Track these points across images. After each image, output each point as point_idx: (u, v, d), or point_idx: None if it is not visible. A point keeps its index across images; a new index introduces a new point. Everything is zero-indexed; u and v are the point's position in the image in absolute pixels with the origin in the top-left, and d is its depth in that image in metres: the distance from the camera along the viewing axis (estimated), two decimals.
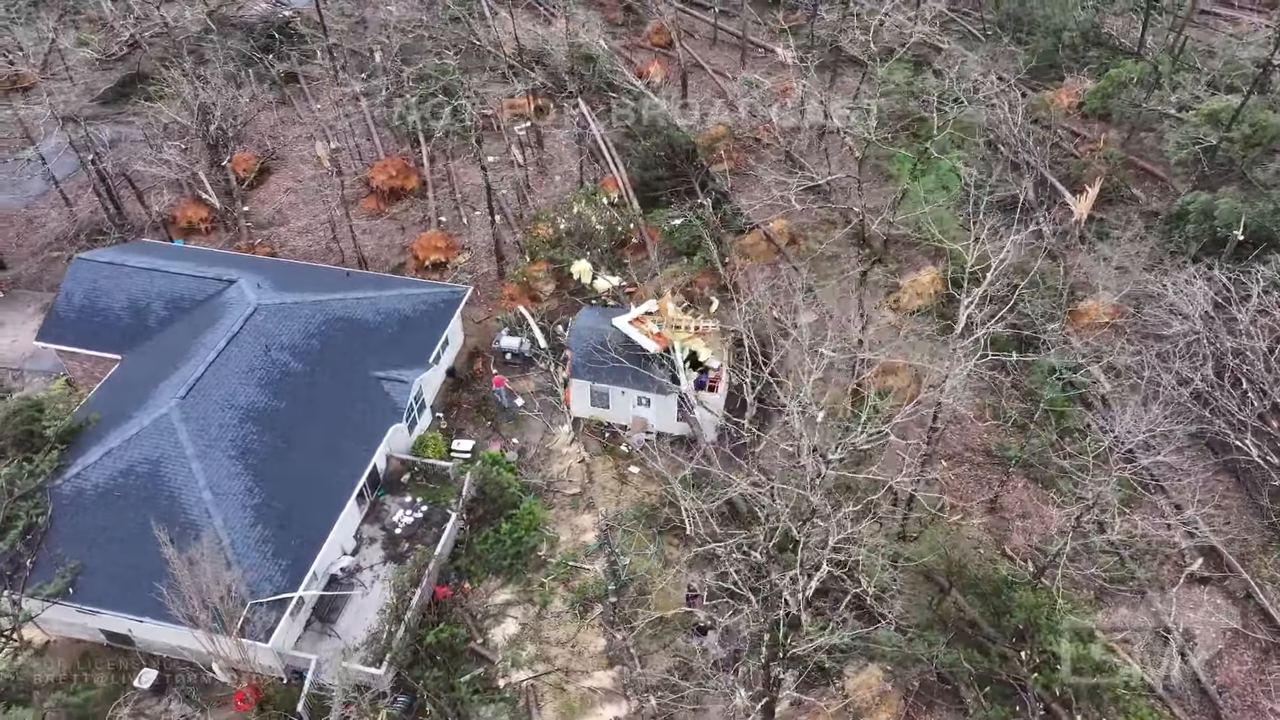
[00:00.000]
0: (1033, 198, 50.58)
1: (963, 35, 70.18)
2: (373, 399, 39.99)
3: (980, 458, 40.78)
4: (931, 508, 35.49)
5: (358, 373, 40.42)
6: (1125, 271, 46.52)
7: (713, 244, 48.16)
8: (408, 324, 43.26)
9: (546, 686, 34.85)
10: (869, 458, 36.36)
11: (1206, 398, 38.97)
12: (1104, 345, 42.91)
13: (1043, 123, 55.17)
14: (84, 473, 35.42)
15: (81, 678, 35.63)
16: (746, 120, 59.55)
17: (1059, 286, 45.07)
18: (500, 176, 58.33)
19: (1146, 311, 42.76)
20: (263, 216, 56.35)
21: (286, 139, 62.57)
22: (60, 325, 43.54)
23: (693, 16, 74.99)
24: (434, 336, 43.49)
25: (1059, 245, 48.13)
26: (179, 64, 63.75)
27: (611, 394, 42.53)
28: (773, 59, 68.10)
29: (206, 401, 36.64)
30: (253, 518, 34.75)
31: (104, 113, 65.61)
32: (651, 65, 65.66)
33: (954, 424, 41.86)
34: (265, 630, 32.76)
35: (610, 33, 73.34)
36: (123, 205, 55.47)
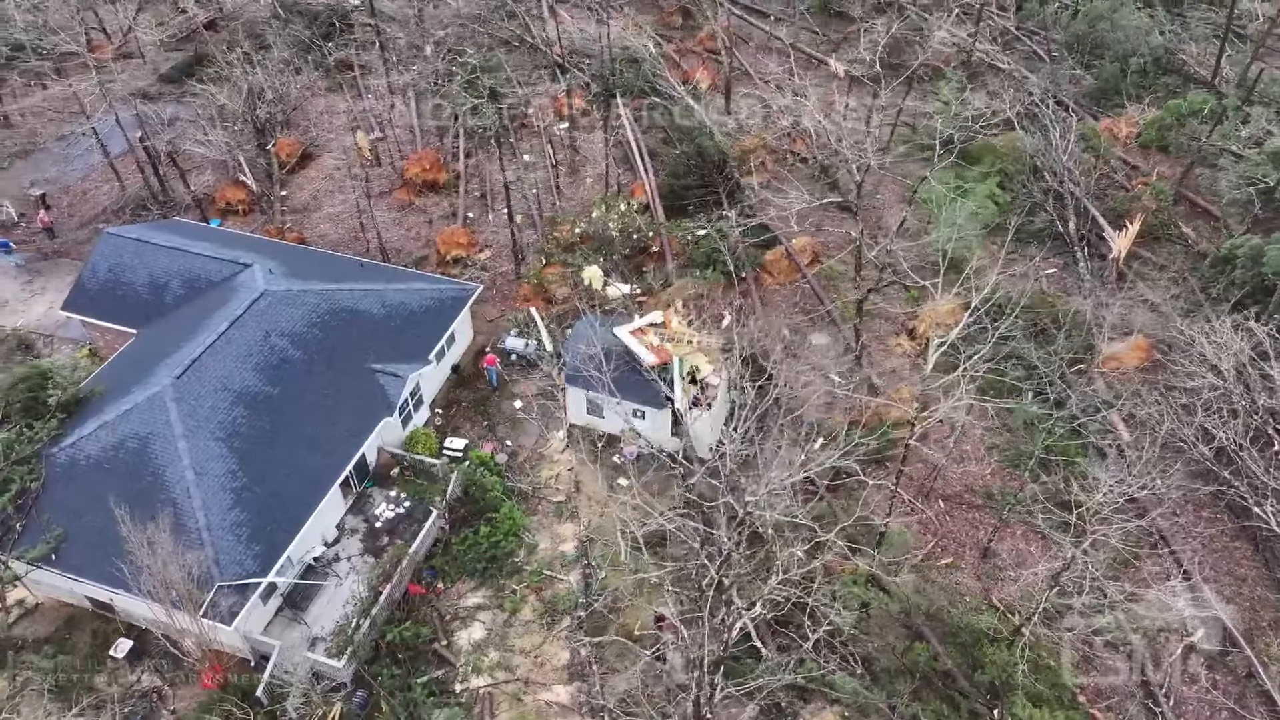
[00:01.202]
0: (1073, 230, 48.38)
1: (1027, 55, 67.53)
2: (367, 391, 40.25)
3: (980, 500, 38.99)
4: (905, 548, 33.88)
5: (355, 364, 40.73)
6: (1162, 315, 44.06)
7: (730, 258, 47.18)
8: (412, 319, 43.45)
9: (504, 696, 34.57)
10: (849, 492, 35.09)
11: (1233, 456, 36.55)
12: (1130, 391, 40.57)
13: (1095, 151, 52.54)
14: (79, 443, 36.48)
15: (64, 640, 36.81)
16: (785, 132, 58.24)
17: (1088, 325, 42.84)
18: (534, 176, 58.39)
19: (1177, 359, 40.22)
20: (298, 201, 57.42)
21: (332, 126, 63.60)
22: (84, 296, 45.02)
23: (749, 24, 73.81)
24: (437, 333, 43.60)
25: (1094, 282, 45.84)
26: (239, 47, 65.71)
27: (606, 404, 42.01)
28: (824, 70, 66.56)
29: (201, 383, 37.35)
30: (231, 500, 35.29)
31: (166, 91, 67.72)
32: (697, 71, 64.79)
33: (957, 463, 40.19)
34: (230, 613, 33.22)
35: (665, 35, 72.77)
36: (167, 183, 57.19)
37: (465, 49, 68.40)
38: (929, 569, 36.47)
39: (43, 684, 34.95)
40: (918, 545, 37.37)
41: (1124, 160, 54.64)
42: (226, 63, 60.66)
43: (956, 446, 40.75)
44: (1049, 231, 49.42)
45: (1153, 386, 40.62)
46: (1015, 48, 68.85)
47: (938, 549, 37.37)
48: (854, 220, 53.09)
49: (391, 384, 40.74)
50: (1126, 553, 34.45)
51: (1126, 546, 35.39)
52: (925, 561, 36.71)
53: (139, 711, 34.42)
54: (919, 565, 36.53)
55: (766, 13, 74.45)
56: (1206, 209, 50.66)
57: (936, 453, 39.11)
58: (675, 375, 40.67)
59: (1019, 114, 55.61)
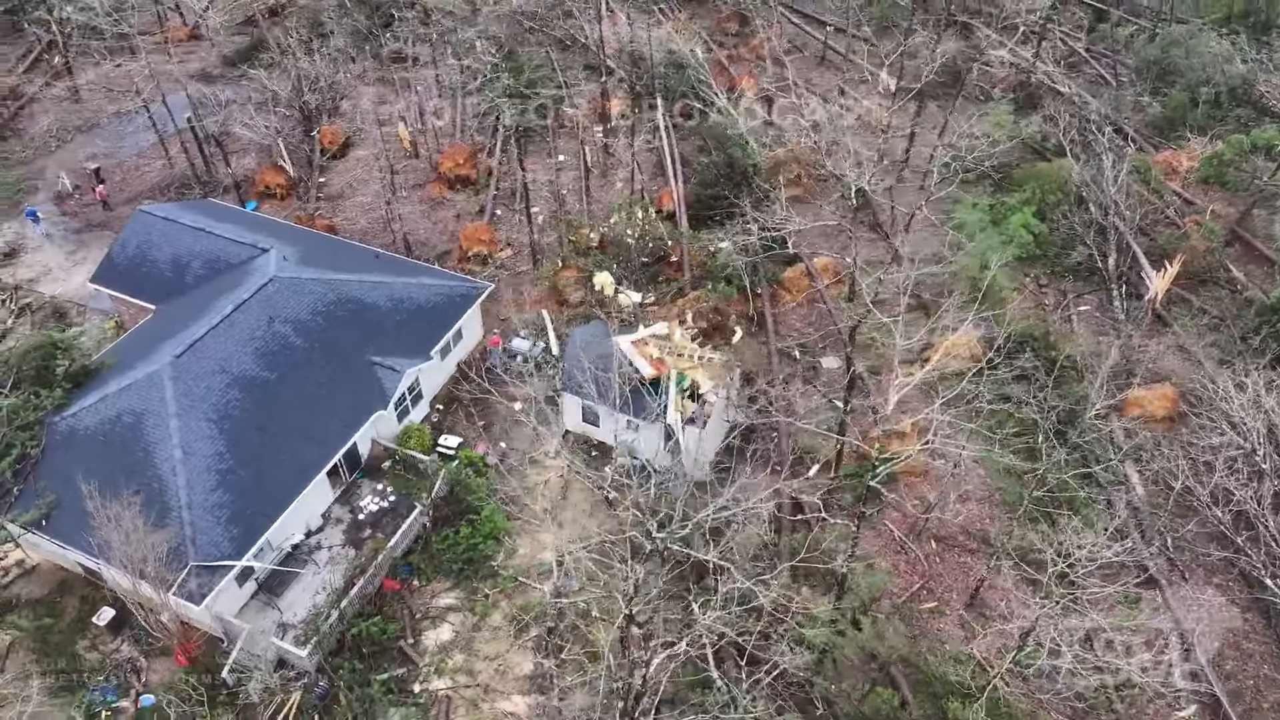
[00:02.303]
0: (1111, 267, 45.95)
1: (1093, 78, 64.56)
2: (364, 383, 40.50)
3: (975, 544, 37.25)
4: (876, 589, 32.44)
5: (355, 355, 41.01)
6: (1196, 363, 41.50)
7: (747, 272, 46.15)
8: (418, 313, 43.58)
9: (462, 701, 34.36)
10: (832, 527, 33.80)
11: (1252, 521, 34.16)
12: (1150, 441, 38.27)
13: (1146, 184, 49.82)
14: (79, 414, 37.56)
15: (55, 603, 37.97)
16: (824, 146, 56.73)
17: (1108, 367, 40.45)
18: (566, 177, 58.22)
19: (1203, 411, 37.76)
20: (334, 189, 58.32)
21: (377, 116, 64.31)
22: (112, 270, 46.43)
23: (806, 33, 72.32)
24: (441, 329, 43.64)
25: (1127, 323, 43.44)
26: (297, 34, 67.19)
27: (601, 413, 41.50)
28: (875, 84, 64.72)
29: (200, 363, 38.05)
30: (215, 481, 35.85)
31: (226, 74, 69.60)
32: (744, 79, 63.66)
33: (958, 502, 38.46)
34: (200, 593, 33.72)
35: (718, 41, 71.82)
36: (212, 164, 58.70)
37: (517, 46, 68.74)
38: (912, 611, 34.98)
39: (29, 644, 36.11)
40: (905, 586, 35.93)
41: (1180, 195, 51.68)
42: (280, 50, 62.02)
43: (959, 485, 39.01)
44: (1086, 266, 47.01)
45: (1176, 439, 38.23)
46: (1082, 70, 65.96)
47: (924, 591, 35.82)
48: (885, 243, 51.63)
49: (388, 377, 40.92)
50: (1120, 615, 32.53)
51: (1124, 608, 33.60)
52: (909, 603, 35.24)
53: (114, 679, 35.25)
54: (901, 607, 35.13)
55: (826, 22, 72.80)
56: (1263, 253, 47.55)
57: (932, 491, 37.54)
58: (671, 389, 39.93)
59: (1072, 140, 53.22)
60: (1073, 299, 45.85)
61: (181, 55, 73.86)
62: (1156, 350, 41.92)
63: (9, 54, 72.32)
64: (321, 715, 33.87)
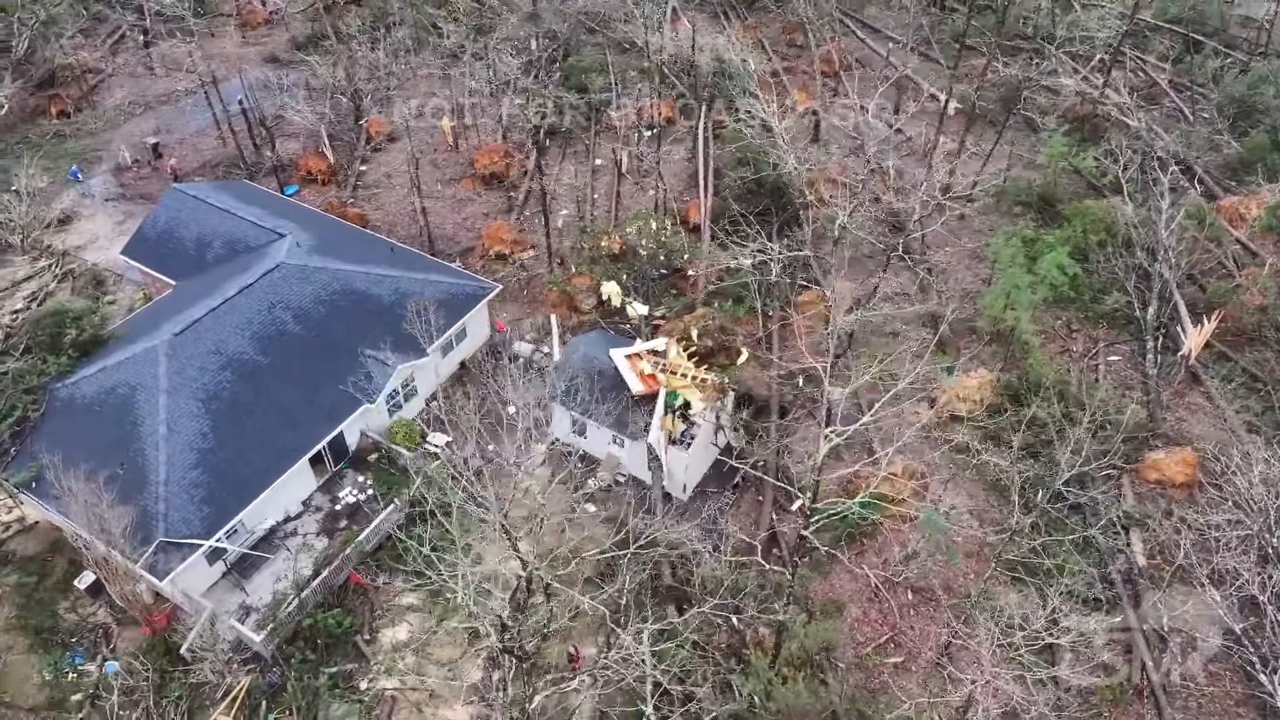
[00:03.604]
0: (1150, 316, 42.94)
1: (1170, 113, 60.65)
2: (354, 374, 40.71)
3: (954, 599, 35.18)
4: (820, 640, 30.79)
5: (351, 347, 41.30)
6: (1226, 430, 38.41)
7: (759, 293, 44.80)
8: (422, 310, 43.56)
9: (407, 703, 34.20)
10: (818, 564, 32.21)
11: (1258, 607, 31.33)
12: (1159, 510, 35.56)
13: (1202, 229, 46.40)
14: (80, 382, 38.83)
15: (45, 562, 39.37)
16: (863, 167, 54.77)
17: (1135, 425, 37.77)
18: (603, 181, 57.74)
19: (1222, 483, 34.82)
20: (373, 179, 59.10)
21: (427, 109, 64.87)
22: (142, 244, 47.96)
23: (869, 49, 70.06)
24: (442, 327, 43.57)
25: (1158, 379, 40.53)
26: (362, 23, 68.49)
27: (589, 425, 40.84)
28: (937, 108, 62.13)
29: (196, 343, 38.88)
30: (195, 460, 36.54)
31: (294, 59, 71.33)
32: (796, 92, 62.00)
33: (940, 553, 36.44)
34: (165, 568, 34.40)
35: (779, 52, 70.22)
36: (261, 146, 60.20)
37: (577, 46, 68.54)
38: (875, 663, 33.27)
39: (15, 599, 37.54)
40: (873, 636, 34.24)
41: (1242, 244, 48.00)
42: (339, 39, 63.20)
43: (951, 535, 36.96)
44: (1123, 314, 44.07)
45: (1190, 508, 35.39)
46: (1160, 103, 62.06)
47: (892, 643, 34.05)
48: (911, 270, 49.51)
49: (380, 371, 41.09)
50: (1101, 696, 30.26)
51: (1106, 688, 31.28)
52: (874, 654, 33.53)
53: (85, 643, 36.32)
54: (865, 658, 33.46)
55: (892, 38, 70.39)
56: None
57: (919, 539, 35.66)
58: (658, 407, 39.00)
59: (1131, 178, 49.98)
60: (1103, 348, 43.03)
61: (257, 39, 76.25)
62: (1177, 415, 38.87)
63: (100, 29, 75.66)
64: (270, 702, 34.20)
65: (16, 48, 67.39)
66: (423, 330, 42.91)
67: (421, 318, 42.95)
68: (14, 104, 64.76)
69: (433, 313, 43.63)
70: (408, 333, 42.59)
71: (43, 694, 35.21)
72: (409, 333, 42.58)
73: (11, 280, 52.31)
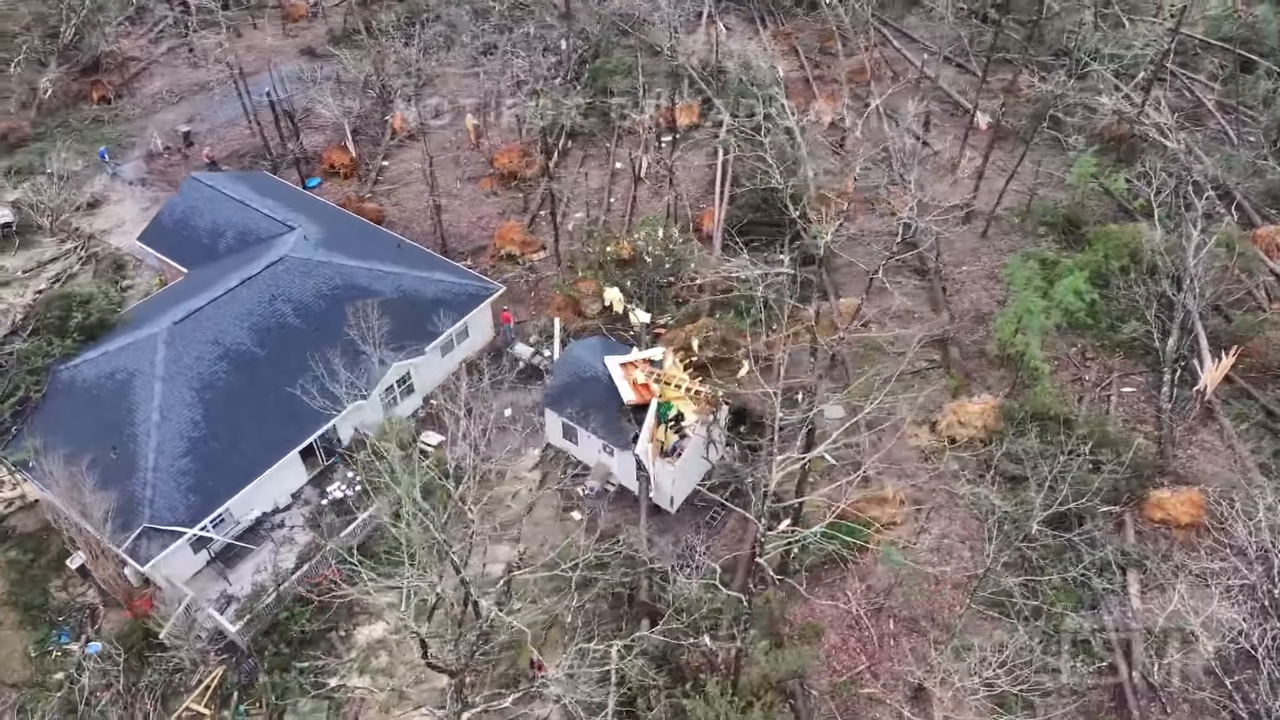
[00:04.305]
0: (1170, 348, 41.26)
1: (1215, 135, 58.37)
2: (350, 370, 40.70)
3: (937, 633, 34.09)
4: (780, 670, 29.92)
5: (349, 342, 41.33)
6: (1239, 470, 36.71)
7: (763, 306, 43.94)
8: (422, 307, 43.64)
9: (375, 702, 34.14)
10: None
11: (1253, 660, 29.84)
12: (1157, 552, 34.06)
13: (1231, 256, 44.48)
14: (81, 366, 39.51)
15: (42, 539, 40.12)
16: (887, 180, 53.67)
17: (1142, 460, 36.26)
18: (621, 185, 57.35)
19: (1225, 525, 33.26)
20: (394, 174, 59.40)
21: (454, 107, 65.07)
22: (158, 232, 48.75)
23: (905, 58, 68.60)
24: (442, 326, 43.55)
25: (1171, 414, 38.91)
26: (396, 19, 68.94)
27: (580, 432, 40.45)
28: (966, 122, 60.62)
29: (195, 332, 39.30)
30: (185, 448, 36.91)
31: (330, 52, 72.09)
32: (824, 100, 60.95)
33: (930, 583, 35.36)
34: (147, 555, 34.78)
35: (812, 60, 69.12)
36: (286, 138, 60.87)
37: (609, 47, 68.18)
38: (849, 694, 32.36)
39: (10, 574, 38.34)
40: (850, 665, 33.32)
41: (1277, 276, 45.90)
42: (369, 34, 63.68)
43: (941, 564, 35.86)
44: (1141, 344, 42.39)
45: (1189, 552, 33.85)
46: (1205, 125, 59.77)
47: (869, 674, 33.09)
48: (924, 289, 48.27)
49: (375, 368, 41.12)
50: None
51: None
52: (848, 684, 32.62)
53: (71, 623, 36.93)
54: (839, 687, 32.57)
55: (930, 49, 68.82)
56: None
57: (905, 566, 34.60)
58: (649, 418, 38.48)
59: (1164, 201, 48.11)
60: (1117, 378, 41.44)
61: (297, 31, 77.24)
62: (1189, 452, 37.23)
63: (146, 18, 77.26)
64: (242, 693, 34.41)
65: (64, 33, 69.10)
66: (422, 328, 42.98)
67: (422, 315, 43.04)
68: (58, 89, 66.42)
69: (433, 311, 43.70)
70: (407, 330, 42.61)
71: (27, 670, 35.88)
72: (408, 330, 42.60)
73: (38, 261, 53.59)
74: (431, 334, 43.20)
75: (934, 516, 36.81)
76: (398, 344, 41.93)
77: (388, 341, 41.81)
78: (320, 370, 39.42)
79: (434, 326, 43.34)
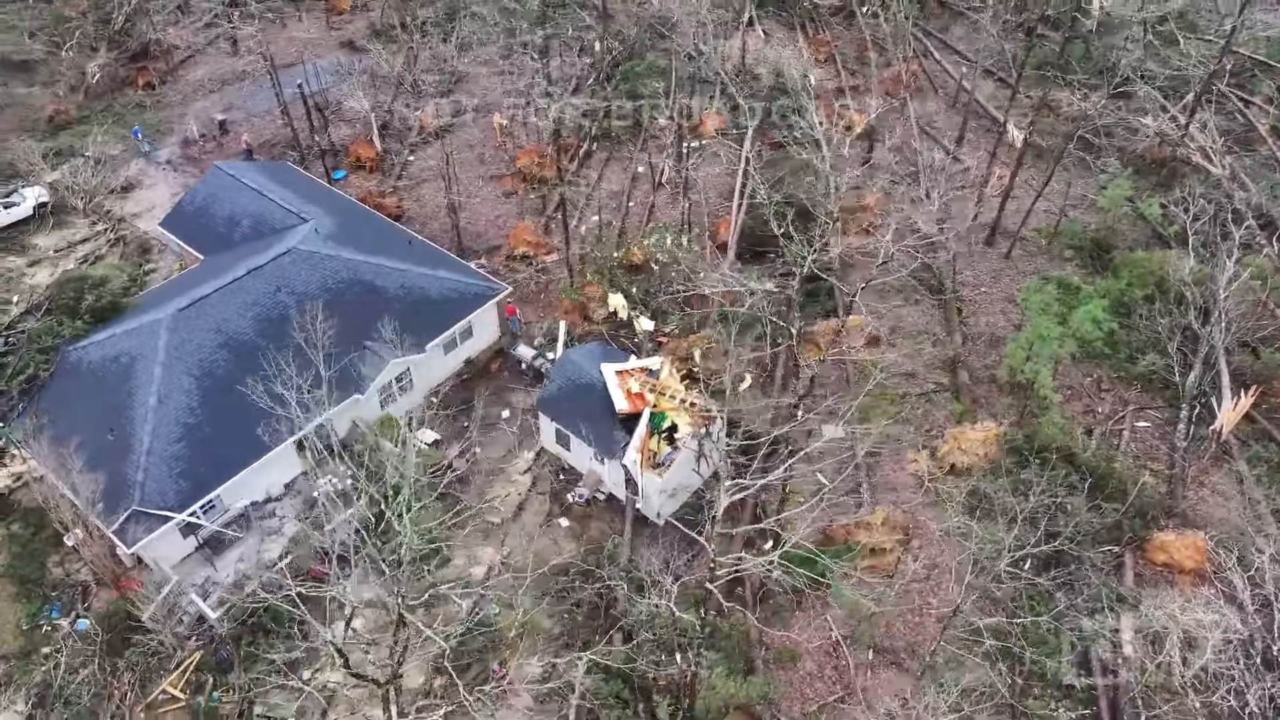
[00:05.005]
0: (1191, 383, 39.49)
1: (1266, 161, 55.80)
2: (349, 365, 40.95)
3: (917, 666, 32.99)
4: (734, 697, 29.12)
5: (348, 336, 41.49)
6: (1252, 516, 34.97)
7: (767, 321, 43.19)
8: (427, 305, 43.70)
9: (345, 699, 34.21)
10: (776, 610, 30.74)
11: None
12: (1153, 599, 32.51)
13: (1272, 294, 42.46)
14: (89, 347, 40.29)
15: (44, 515, 41.01)
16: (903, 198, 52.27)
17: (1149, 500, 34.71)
18: (641, 190, 56.92)
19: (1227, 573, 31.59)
20: (419, 170, 59.69)
21: (486, 105, 65.20)
22: (180, 218, 49.59)
23: (945, 71, 66.94)
24: (444, 324, 43.56)
25: (1185, 452, 37.22)
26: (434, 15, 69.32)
27: (572, 439, 40.12)
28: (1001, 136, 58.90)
29: (199, 320, 39.81)
30: (180, 433, 37.40)
31: (368, 46, 72.82)
32: (854, 113, 59.67)
33: (913, 615, 34.29)
34: (134, 537, 35.31)
35: (851, 69, 67.84)
36: (316, 130, 61.59)
37: (645, 50, 67.77)
38: None
39: (11, 548, 39.30)
40: (824, 693, 32.46)
41: None
42: (403, 29, 64.16)
43: (928, 595, 34.79)
44: (1160, 378, 40.65)
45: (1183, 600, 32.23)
46: (1257, 150, 57.20)
47: (842, 703, 32.17)
48: (939, 308, 46.96)
49: (374, 363, 41.26)
50: None
51: None
52: (817, 714, 31.77)
53: (63, 599, 37.69)
54: (809, 715, 31.74)
55: (971, 61, 67.06)
56: None
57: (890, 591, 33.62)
58: (640, 427, 38.00)
59: (1199, 229, 46.09)
60: (1132, 412, 39.80)
61: (341, 24, 78.17)
62: (1200, 494, 35.53)
63: (195, 7, 78.88)
64: (217, 680, 34.76)
65: (116, 19, 70.87)
66: (425, 326, 43.02)
67: (425, 313, 43.10)
68: (105, 74, 68.10)
69: (436, 309, 43.73)
70: (409, 327, 42.63)
71: (18, 641, 36.71)
72: (410, 327, 42.62)
73: (69, 241, 54.96)
74: (433, 332, 43.22)
75: (926, 545, 35.71)
76: (398, 340, 41.98)
77: (388, 338, 41.98)
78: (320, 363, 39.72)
79: (436, 325, 43.36)
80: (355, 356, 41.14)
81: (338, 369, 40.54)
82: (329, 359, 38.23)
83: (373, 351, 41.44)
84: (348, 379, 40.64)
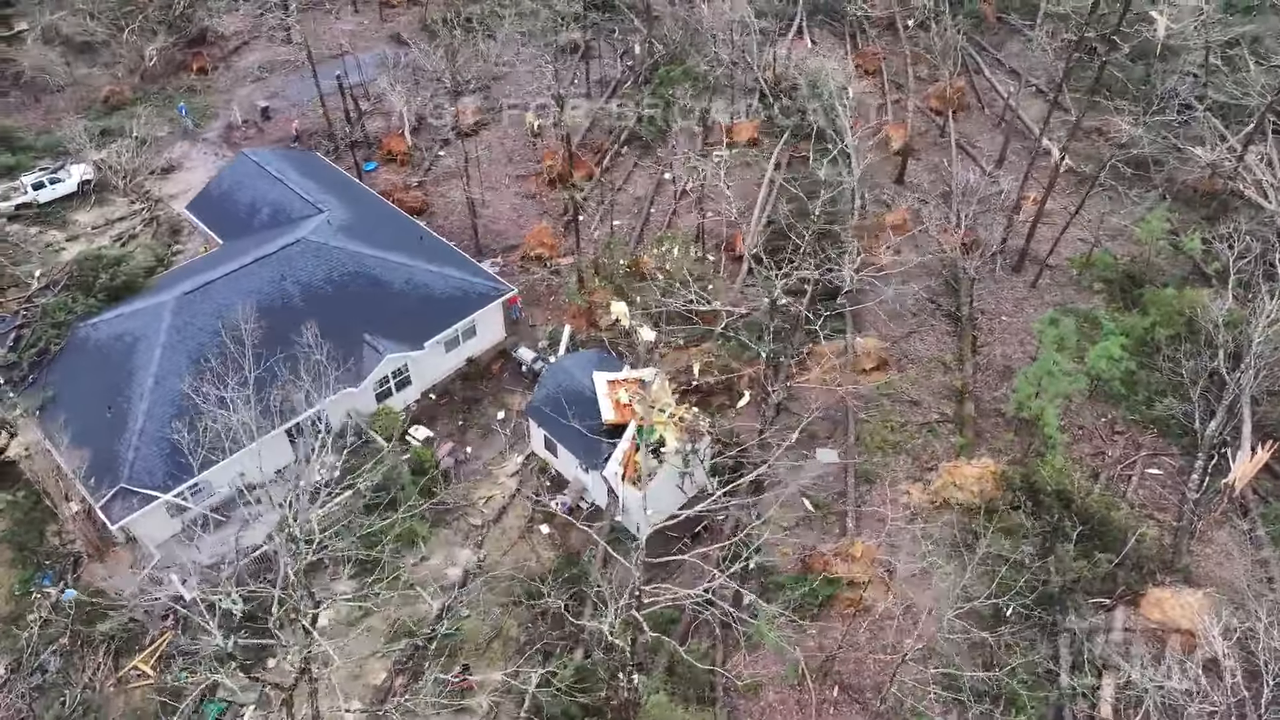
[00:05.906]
0: (1211, 432, 37.26)
1: None
2: (348, 357, 41.17)
3: (883, 708, 31.72)
4: None
5: (350, 329, 41.80)
6: (1262, 580, 32.83)
7: (767, 338, 42.14)
8: (430, 302, 43.73)
9: (304, 694, 34.29)
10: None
11: None
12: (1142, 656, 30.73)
13: None
14: (99, 325, 41.30)
15: (45, 486, 42.20)
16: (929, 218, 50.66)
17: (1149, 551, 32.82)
18: (665, 196, 56.30)
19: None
20: (449, 165, 59.91)
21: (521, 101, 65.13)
22: (205, 202, 50.63)
23: (994, 89, 64.69)
24: (446, 322, 43.54)
25: (1195, 505, 35.15)
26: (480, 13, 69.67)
27: (559, 445, 39.71)
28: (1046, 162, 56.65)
29: (203, 304, 40.48)
30: (173, 414, 38.02)
31: (416, 39, 73.51)
32: (892, 128, 58.12)
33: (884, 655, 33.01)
34: (119, 514, 36.02)
35: (895, 83, 66.06)
36: (353, 121, 62.35)
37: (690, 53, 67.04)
38: None
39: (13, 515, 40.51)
40: None
41: None
42: (445, 24, 64.56)
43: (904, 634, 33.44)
44: (1179, 423, 38.46)
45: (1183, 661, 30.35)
46: None
47: None
48: (954, 336, 45.29)
49: (372, 358, 41.44)
50: None
51: None
52: None
53: (55, 568, 38.70)
54: None
55: (1023, 77, 64.68)
56: None
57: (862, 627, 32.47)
58: (624, 439, 37.41)
59: (1243, 267, 43.56)
60: (1144, 457, 37.74)
61: (393, 17, 79.16)
62: (1207, 550, 33.45)
63: None
64: (185, 660, 35.20)
65: (177, 4, 72.89)
66: (426, 322, 43.08)
67: (428, 310, 43.15)
68: (162, 57, 70.06)
69: (439, 307, 43.77)
70: (410, 323, 42.81)
71: (9, 606, 37.79)
72: (412, 323, 42.79)
73: (107, 219, 56.58)
74: (434, 329, 43.25)
75: (906, 581, 34.36)
76: (398, 336, 42.18)
77: (389, 332, 42.22)
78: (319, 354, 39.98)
79: (437, 322, 43.38)
80: (353, 349, 41.34)
81: (334, 361, 40.97)
82: (327, 350, 38.57)
83: (370, 345, 41.65)
84: (346, 371, 40.84)
